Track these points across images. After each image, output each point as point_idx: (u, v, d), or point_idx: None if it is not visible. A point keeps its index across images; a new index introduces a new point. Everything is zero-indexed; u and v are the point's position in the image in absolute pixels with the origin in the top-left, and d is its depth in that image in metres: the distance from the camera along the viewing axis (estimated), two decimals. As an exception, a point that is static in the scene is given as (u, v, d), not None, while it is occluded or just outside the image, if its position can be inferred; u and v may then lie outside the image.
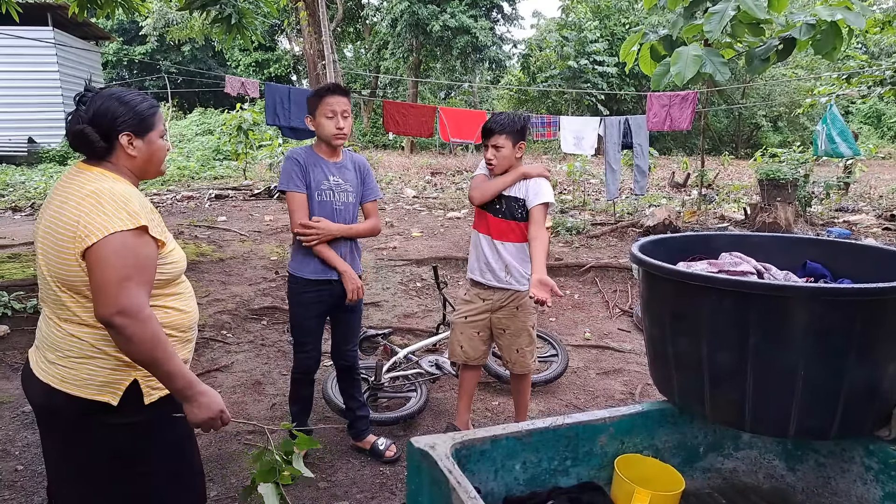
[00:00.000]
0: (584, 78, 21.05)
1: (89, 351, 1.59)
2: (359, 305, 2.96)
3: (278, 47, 28.40)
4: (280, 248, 6.66)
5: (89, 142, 1.62)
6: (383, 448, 3.05)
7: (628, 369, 4.36)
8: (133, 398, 1.63)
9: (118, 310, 1.47)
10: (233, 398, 3.69)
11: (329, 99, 2.65)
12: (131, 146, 1.64)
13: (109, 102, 1.61)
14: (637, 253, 1.59)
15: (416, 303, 5.56)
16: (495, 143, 2.85)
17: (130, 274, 1.49)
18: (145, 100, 1.68)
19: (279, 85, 7.55)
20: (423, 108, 7.43)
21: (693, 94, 6.64)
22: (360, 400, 3.09)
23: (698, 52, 4.42)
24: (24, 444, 3.13)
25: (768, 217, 7.00)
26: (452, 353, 3.15)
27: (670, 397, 1.74)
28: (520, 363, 3.06)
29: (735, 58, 4.75)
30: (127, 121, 1.62)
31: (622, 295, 5.85)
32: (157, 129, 1.70)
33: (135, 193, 1.60)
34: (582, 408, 3.74)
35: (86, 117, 1.60)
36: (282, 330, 4.76)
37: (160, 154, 1.74)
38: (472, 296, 3.07)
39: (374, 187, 2.90)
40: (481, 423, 3.51)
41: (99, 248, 1.47)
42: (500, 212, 2.92)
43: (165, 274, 1.65)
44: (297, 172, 2.68)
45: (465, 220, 8.73)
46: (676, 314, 1.60)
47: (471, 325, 3.06)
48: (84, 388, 1.59)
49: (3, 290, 4.43)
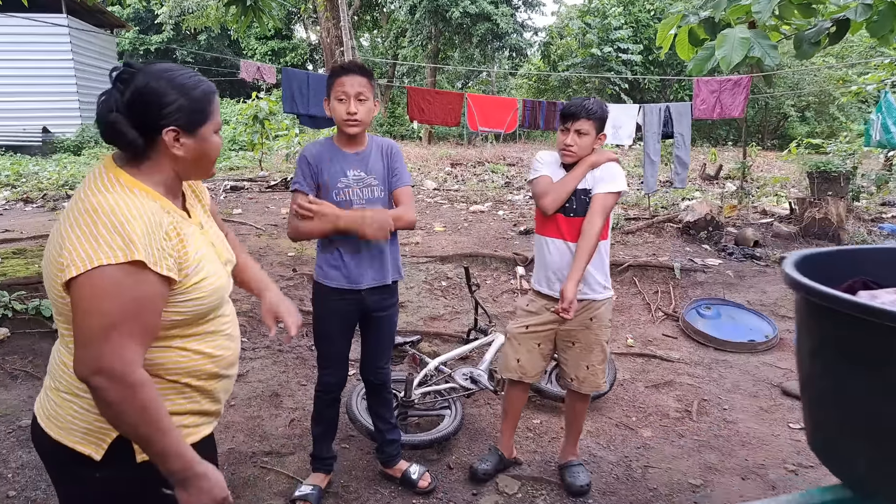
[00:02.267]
0: (607, 66, 20.44)
1: (75, 387, 1.27)
2: (392, 316, 2.60)
3: (295, 36, 28.08)
4: (297, 244, 6.32)
5: (124, 137, 1.24)
6: (416, 477, 2.70)
7: (679, 382, 3.97)
8: (121, 453, 1.28)
9: (96, 369, 1.15)
10: (248, 412, 3.35)
11: (342, 78, 2.27)
12: (177, 144, 1.28)
13: (155, 84, 1.24)
14: (795, 275, 1.15)
15: (442, 304, 5.20)
16: (579, 127, 2.48)
17: (116, 322, 1.16)
18: (200, 82, 1.31)
19: (297, 70, 7.18)
20: (449, 95, 7.02)
21: (746, 78, 6.18)
22: (392, 421, 2.74)
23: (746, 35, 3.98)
24: (18, 465, 2.82)
25: (818, 212, 6.53)
26: (506, 368, 2.76)
27: (850, 478, 1.20)
28: (589, 381, 2.68)
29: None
30: (175, 111, 1.25)
31: (664, 296, 5.44)
32: (212, 121, 1.33)
33: (147, 213, 1.21)
34: (634, 428, 3.36)
35: (122, 102, 1.23)
36: (300, 334, 4.42)
37: (213, 154, 1.37)
38: (538, 307, 2.68)
39: (403, 172, 2.45)
40: (523, 444, 3.15)
41: (79, 284, 1.15)
42: (572, 210, 2.54)
43: (186, 313, 1.29)
44: (305, 171, 2.34)
45: (489, 213, 8.34)
46: (873, 364, 1.09)
47: (532, 336, 2.68)
48: (67, 434, 1.28)
49: (4, 290, 4.13)
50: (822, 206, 6.54)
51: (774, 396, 3.81)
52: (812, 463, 3.06)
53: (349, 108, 2.26)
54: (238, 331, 1.53)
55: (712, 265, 5.98)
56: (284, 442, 3.08)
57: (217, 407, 1.46)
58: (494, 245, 6.57)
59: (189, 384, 1.35)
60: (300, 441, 3.09)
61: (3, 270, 4.61)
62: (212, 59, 24.55)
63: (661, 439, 3.26)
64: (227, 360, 1.44)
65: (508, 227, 7.39)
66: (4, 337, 3.84)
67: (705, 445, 3.21)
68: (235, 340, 1.48)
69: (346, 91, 2.26)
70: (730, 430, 3.38)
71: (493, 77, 25.11)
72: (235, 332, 1.49)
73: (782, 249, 6.58)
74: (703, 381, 3.99)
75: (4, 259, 4.98)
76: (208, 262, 1.34)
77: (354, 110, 2.26)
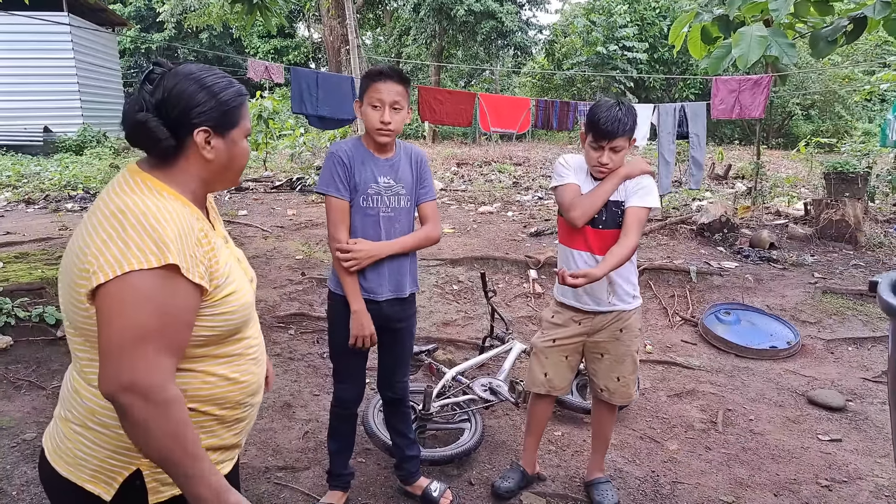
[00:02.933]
0: (612, 64, 20.30)
1: (88, 419, 1.17)
2: (412, 327, 2.49)
3: (297, 34, 27.96)
4: (305, 246, 6.22)
5: (153, 137, 1.17)
6: (437, 495, 2.58)
7: (702, 390, 3.85)
8: (133, 494, 1.18)
9: (126, 384, 1.06)
10: (259, 424, 3.24)
11: (379, 85, 2.15)
12: (208, 146, 1.22)
13: (186, 84, 1.19)
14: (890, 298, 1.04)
15: (454, 308, 5.09)
16: (615, 145, 2.33)
17: (148, 333, 1.07)
18: (231, 84, 1.26)
19: (306, 70, 7.07)
20: (461, 95, 6.88)
21: (767, 78, 6.05)
22: (411, 437, 2.62)
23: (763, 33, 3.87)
24: (23, 482, 2.70)
25: (835, 214, 6.40)
26: (533, 383, 2.65)
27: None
28: (621, 393, 2.57)
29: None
30: (207, 112, 1.20)
31: (681, 301, 5.32)
32: (242, 125, 1.28)
33: (179, 216, 1.14)
34: (659, 440, 3.24)
35: (151, 102, 1.18)
36: (311, 340, 4.31)
37: (242, 159, 1.31)
38: (565, 319, 2.55)
39: (431, 185, 2.37)
40: (545, 458, 3.03)
41: (108, 291, 1.06)
42: (601, 222, 2.41)
43: (214, 329, 1.21)
44: (339, 173, 2.20)
45: (498, 214, 8.22)
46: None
47: (559, 349, 2.56)
48: (75, 470, 1.18)
49: (7, 296, 4.01)
50: (839, 208, 6.41)
51: (801, 406, 3.70)
52: (845, 478, 2.94)
53: (383, 118, 2.15)
54: (265, 354, 1.43)
55: (729, 268, 5.86)
56: (298, 456, 2.97)
57: (238, 440, 1.35)
58: (505, 247, 6.45)
59: (210, 413, 1.24)
60: (315, 455, 2.98)
61: (5, 276, 4.50)
62: (214, 58, 24.44)
63: (688, 452, 3.15)
64: (253, 387, 1.34)
65: (518, 228, 7.28)
66: (7, 345, 3.73)
67: (734, 459, 3.10)
68: (261, 365, 1.38)
69: (382, 98, 2.15)
70: (757, 442, 3.27)
71: (496, 75, 24.98)
72: (262, 355, 1.39)
73: (798, 252, 6.45)
74: (725, 390, 3.88)
75: (6, 264, 4.87)
76: (236, 275, 1.27)
77: (389, 120, 2.15)
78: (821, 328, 4.82)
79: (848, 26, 3.88)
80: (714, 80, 6.34)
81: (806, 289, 5.42)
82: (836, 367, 4.25)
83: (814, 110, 25.95)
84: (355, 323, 2.25)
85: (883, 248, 6.63)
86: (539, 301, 5.24)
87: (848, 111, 22.30)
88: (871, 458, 3.14)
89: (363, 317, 2.24)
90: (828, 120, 24.33)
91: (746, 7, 3.99)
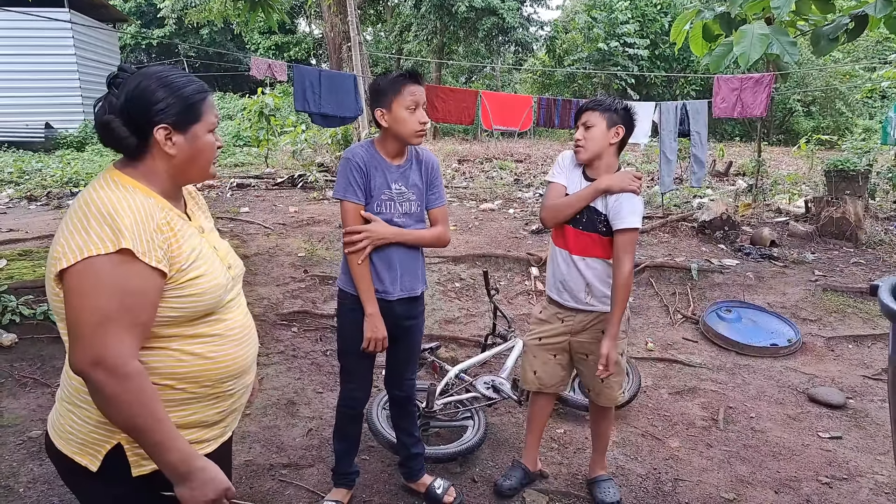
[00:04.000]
0: (613, 61, 20.27)
1: (75, 396, 1.30)
2: (420, 325, 2.51)
3: (298, 30, 27.90)
4: (308, 244, 6.23)
5: (117, 137, 1.26)
6: (441, 492, 2.60)
7: (703, 388, 3.87)
8: (118, 466, 1.28)
9: (93, 360, 1.17)
10: (263, 422, 3.27)
11: (413, 87, 2.16)
12: (169, 142, 1.30)
13: (146, 84, 1.28)
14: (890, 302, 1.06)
15: (456, 306, 5.10)
16: (586, 120, 2.39)
17: (108, 313, 1.17)
18: (192, 82, 1.34)
19: (309, 67, 7.06)
20: (464, 93, 6.88)
21: (769, 76, 6.05)
22: (416, 435, 2.64)
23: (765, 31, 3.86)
24: (30, 479, 2.73)
25: (836, 212, 6.41)
26: (524, 380, 2.69)
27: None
28: (605, 395, 2.60)
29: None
30: (166, 109, 1.28)
31: (682, 298, 5.34)
32: (204, 120, 1.35)
33: (139, 206, 1.23)
34: (661, 437, 3.26)
35: (116, 104, 1.27)
36: (314, 338, 4.33)
37: (207, 153, 1.37)
38: (550, 315, 2.61)
39: (441, 191, 2.40)
40: (547, 455, 3.06)
41: (71, 275, 1.17)
42: (581, 223, 2.45)
43: (181, 310, 1.29)
44: (356, 179, 2.20)
45: (500, 212, 8.23)
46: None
47: (546, 347, 2.61)
48: (67, 443, 1.31)
49: (11, 294, 4.03)
50: (840, 206, 6.42)
51: (801, 403, 3.72)
52: (846, 475, 2.97)
53: (422, 118, 2.18)
54: (254, 338, 1.49)
55: (730, 266, 5.88)
56: (303, 453, 2.99)
57: (222, 417, 1.42)
58: (507, 245, 6.47)
59: (189, 390, 1.32)
60: (319, 452, 3.00)
61: (9, 273, 4.51)
62: (214, 54, 24.39)
63: (690, 450, 3.17)
64: (235, 368, 1.40)
65: (520, 226, 7.29)
66: (12, 343, 3.75)
67: (735, 456, 3.12)
68: (246, 347, 1.44)
69: (417, 101, 2.17)
70: (758, 439, 3.29)
71: (497, 72, 24.94)
72: (248, 338, 1.45)
73: (799, 249, 6.47)
74: (726, 388, 3.90)
75: (10, 262, 4.89)
76: (205, 260, 1.34)
77: (426, 120, 2.19)
78: (821, 326, 4.84)
79: (849, 24, 3.88)
80: (716, 79, 6.34)
81: (807, 286, 5.44)
82: (837, 365, 4.27)
83: (814, 107, 25.90)
84: (369, 326, 2.26)
85: (883, 246, 6.64)
86: (541, 298, 5.25)
87: (849, 108, 22.27)
88: (872, 455, 3.16)
89: (377, 320, 2.26)
90: (828, 116, 24.29)
91: (748, 5, 4.00)
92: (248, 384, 1.48)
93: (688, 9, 4.89)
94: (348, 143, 10.95)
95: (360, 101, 6.81)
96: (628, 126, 2.42)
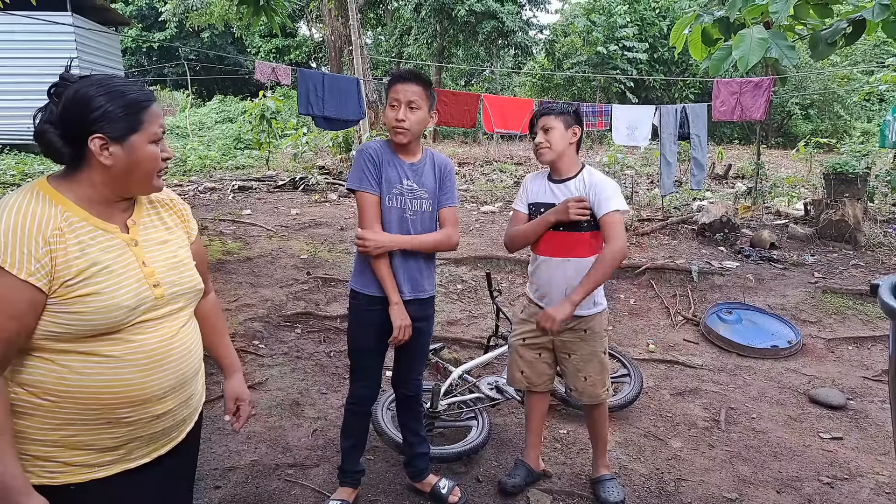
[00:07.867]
0: (612, 64, 20.33)
1: None
2: (430, 326, 2.54)
3: (299, 33, 27.97)
4: (310, 246, 6.26)
5: (51, 147, 1.22)
6: (446, 491, 2.63)
7: (705, 389, 3.90)
8: None
9: None
10: (268, 422, 3.29)
11: (397, 86, 2.24)
12: (105, 153, 1.24)
13: (84, 92, 1.23)
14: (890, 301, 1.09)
15: (458, 308, 5.13)
16: (544, 124, 2.48)
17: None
18: (134, 90, 1.28)
19: (313, 71, 7.10)
20: (466, 97, 6.93)
21: (768, 80, 6.10)
22: (422, 434, 2.67)
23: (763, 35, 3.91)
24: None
25: (835, 214, 6.45)
26: (512, 379, 2.76)
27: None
28: (588, 393, 2.63)
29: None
30: (101, 118, 1.22)
31: (682, 300, 5.37)
32: (145, 130, 1.28)
33: (26, 216, 1.18)
34: (663, 438, 3.29)
35: (54, 114, 1.23)
36: (318, 339, 4.35)
37: (147, 165, 1.29)
38: (530, 314, 2.64)
39: (453, 192, 2.44)
40: (550, 455, 3.08)
41: None
42: (562, 224, 2.49)
43: (65, 326, 1.21)
44: (370, 170, 2.27)
45: (500, 214, 8.27)
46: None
47: (530, 347, 2.66)
48: None
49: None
50: (839, 208, 6.46)
51: (802, 404, 3.75)
52: (847, 475, 2.99)
53: (398, 115, 2.22)
54: (176, 366, 1.36)
55: (730, 268, 5.91)
56: (308, 453, 3.01)
57: (119, 444, 1.32)
58: (508, 247, 6.49)
59: (73, 411, 1.24)
60: (324, 452, 3.02)
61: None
62: (215, 57, 24.46)
63: (692, 450, 3.20)
64: (131, 395, 1.28)
65: (521, 228, 7.31)
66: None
67: (737, 457, 3.14)
68: (154, 374, 1.31)
69: (399, 98, 2.23)
70: (760, 440, 3.32)
71: (496, 75, 25.00)
72: (162, 365, 1.33)
73: (798, 252, 6.51)
74: (728, 389, 3.92)
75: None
76: (108, 277, 1.25)
77: (402, 117, 2.22)
78: (821, 327, 4.87)
79: (847, 28, 3.92)
80: (715, 82, 6.39)
81: (806, 288, 5.47)
82: (837, 366, 4.29)
83: (813, 110, 25.97)
84: (396, 315, 2.28)
85: (882, 248, 6.67)
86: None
87: (847, 111, 22.34)
88: (872, 455, 3.19)
89: (402, 309, 2.29)
90: (827, 120, 24.34)
91: (747, 9, 4.04)
92: (160, 413, 1.34)
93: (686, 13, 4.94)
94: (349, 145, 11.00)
95: (362, 104, 6.85)
96: (581, 126, 2.55)
